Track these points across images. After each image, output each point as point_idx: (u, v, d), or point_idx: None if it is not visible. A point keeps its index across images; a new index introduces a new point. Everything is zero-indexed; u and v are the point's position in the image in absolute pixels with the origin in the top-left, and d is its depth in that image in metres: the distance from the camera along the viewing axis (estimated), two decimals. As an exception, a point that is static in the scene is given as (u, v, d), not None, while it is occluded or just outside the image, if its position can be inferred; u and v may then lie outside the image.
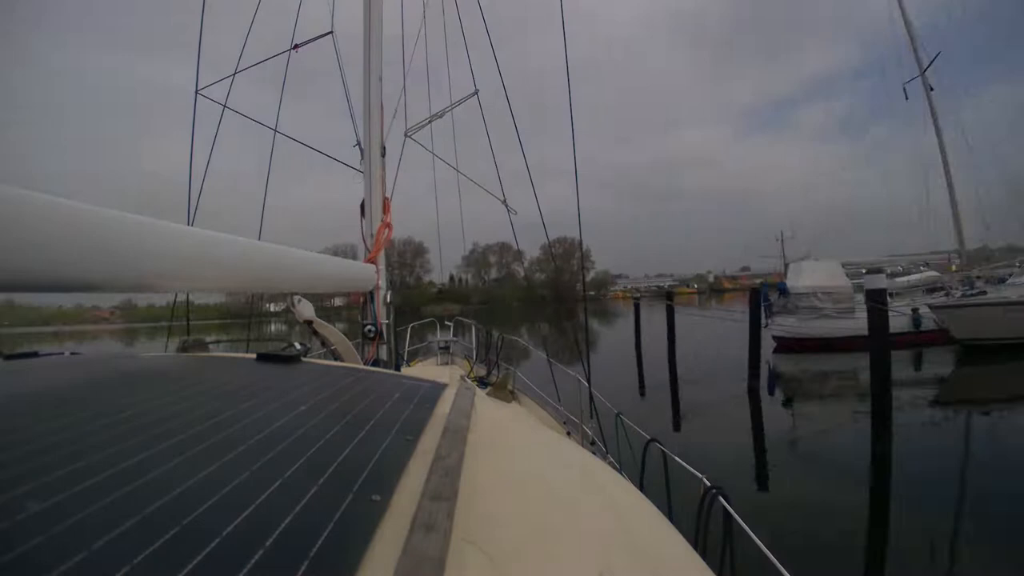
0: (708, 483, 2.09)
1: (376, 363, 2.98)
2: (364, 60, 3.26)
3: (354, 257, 3.55)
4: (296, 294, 2.40)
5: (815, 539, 4.12)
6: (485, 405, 1.24)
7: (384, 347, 3.11)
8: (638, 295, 23.30)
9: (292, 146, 4.39)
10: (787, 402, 9.49)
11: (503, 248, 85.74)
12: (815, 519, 4.52)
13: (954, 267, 16.28)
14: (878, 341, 6.41)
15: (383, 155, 3.29)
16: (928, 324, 13.55)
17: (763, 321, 11.19)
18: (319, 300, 2.73)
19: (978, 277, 14.80)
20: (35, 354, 1.51)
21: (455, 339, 7.41)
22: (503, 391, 5.20)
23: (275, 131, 4.21)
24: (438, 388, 1.15)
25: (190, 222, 3.93)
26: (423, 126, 4.52)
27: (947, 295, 13.97)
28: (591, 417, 3.90)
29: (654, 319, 17.51)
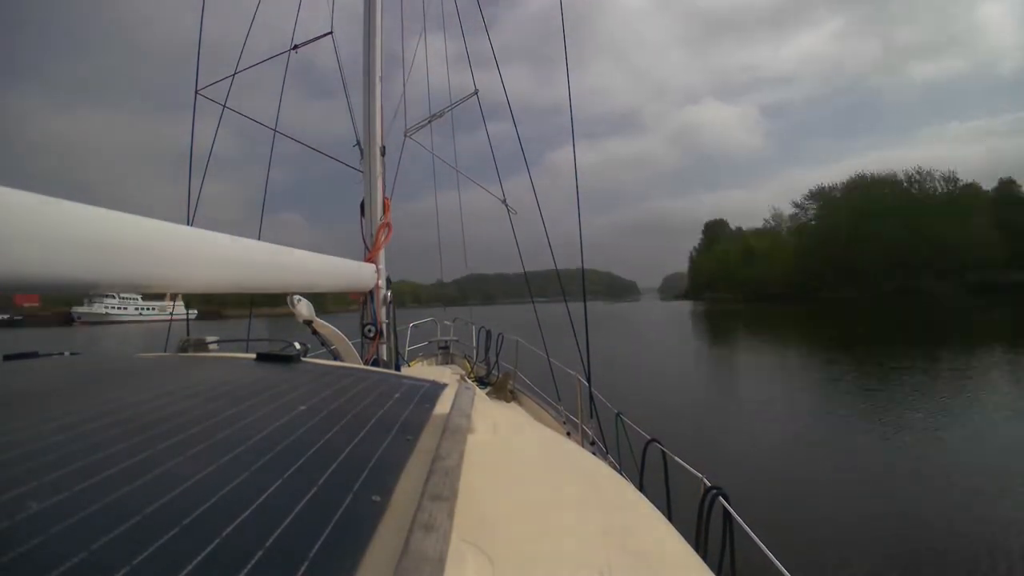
0: (708, 483, 2.09)
1: (376, 363, 2.98)
2: (364, 60, 3.26)
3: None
4: (296, 294, 2.40)
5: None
6: (485, 405, 1.24)
7: (384, 347, 3.11)
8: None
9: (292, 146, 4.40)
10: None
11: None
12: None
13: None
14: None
15: (383, 155, 3.29)
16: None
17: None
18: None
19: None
20: (35, 354, 1.51)
21: (455, 339, 7.41)
22: (503, 391, 5.19)
23: (275, 131, 4.21)
24: (438, 388, 1.15)
25: (190, 222, 3.93)
26: (423, 126, 4.53)
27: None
28: (591, 417, 3.90)
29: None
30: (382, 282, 3.02)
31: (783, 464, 6.81)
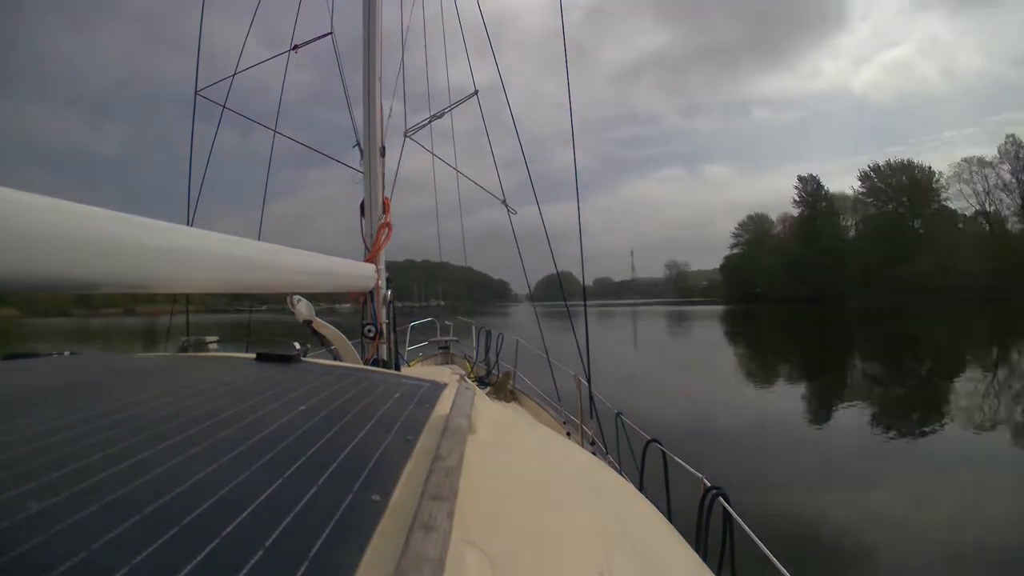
0: (708, 483, 2.09)
1: (376, 363, 2.98)
2: (364, 60, 3.26)
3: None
4: (296, 294, 2.40)
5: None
6: (485, 405, 1.24)
7: (384, 347, 3.10)
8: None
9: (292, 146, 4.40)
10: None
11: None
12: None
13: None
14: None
15: (383, 155, 3.29)
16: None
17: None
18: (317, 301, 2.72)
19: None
20: (35, 354, 1.51)
21: (455, 339, 7.42)
22: (503, 391, 5.19)
23: (275, 131, 4.21)
24: (438, 388, 1.15)
25: (190, 222, 3.93)
26: (423, 126, 4.52)
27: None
28: (591, 417, 3.90)
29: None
30: (382, 282, 3.02)
31: None
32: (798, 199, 75.11)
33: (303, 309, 2.48)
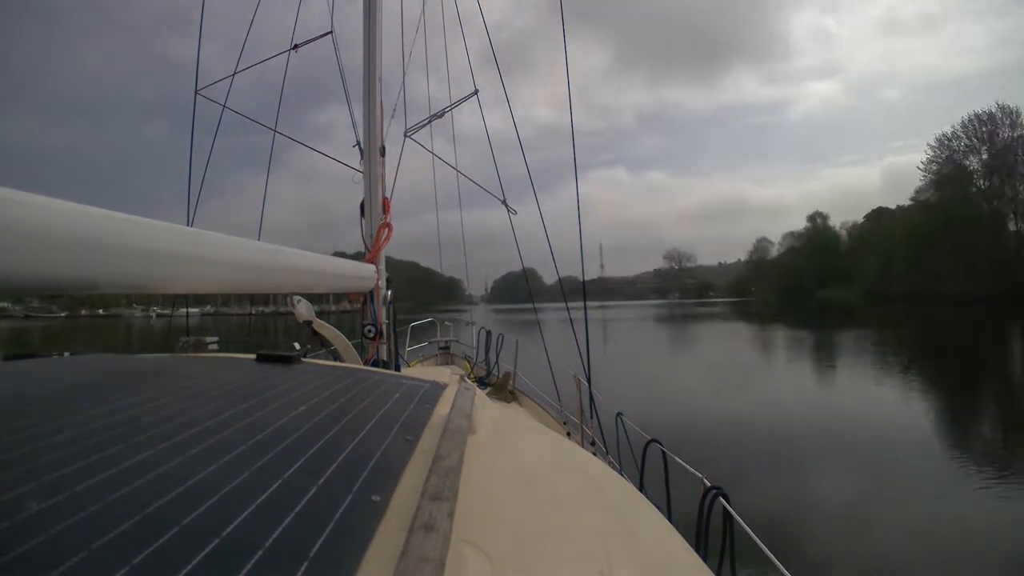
0: (708, 483, 2.09)
1: (376, 363, 2.98)
2: (364, 60, 3.26)
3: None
4: (296, 295, 2.40)
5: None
6: (485, 405, 1.24)
7: (384, 347, 3.10)
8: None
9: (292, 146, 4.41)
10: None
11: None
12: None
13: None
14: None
15: (383, 155, 3.29)
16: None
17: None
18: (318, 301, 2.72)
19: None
20: (35, 355, 1.51)
21: (455, 339, 7.42)
22: (503, 391, 5.20)
23: (275, 131, 4.21)
24: (438, 388, 1.15)
25: (190, 222, 3.93)
26: (423, 126, 4.52)
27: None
28: (591, 417, 3.90)
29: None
30: (382, 282, 3.02)
31: None
32: None
33: (303, 310, 2.48)
